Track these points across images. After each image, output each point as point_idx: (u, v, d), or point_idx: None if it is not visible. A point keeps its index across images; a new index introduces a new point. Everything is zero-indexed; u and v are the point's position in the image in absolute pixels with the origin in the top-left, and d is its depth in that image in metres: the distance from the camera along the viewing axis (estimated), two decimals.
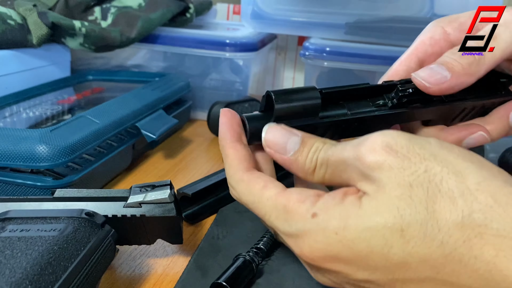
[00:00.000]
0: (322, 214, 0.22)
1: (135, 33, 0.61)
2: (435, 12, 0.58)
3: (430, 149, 0.21)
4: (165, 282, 0.30)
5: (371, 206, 0.21)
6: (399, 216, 0.20)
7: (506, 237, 0.19)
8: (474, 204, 0.19)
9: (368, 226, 0.21)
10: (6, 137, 0.36)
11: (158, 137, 0.46)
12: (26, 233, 0.24)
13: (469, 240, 0.19)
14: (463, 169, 0.20)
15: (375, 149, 0.21)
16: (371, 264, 0.21)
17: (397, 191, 0.20)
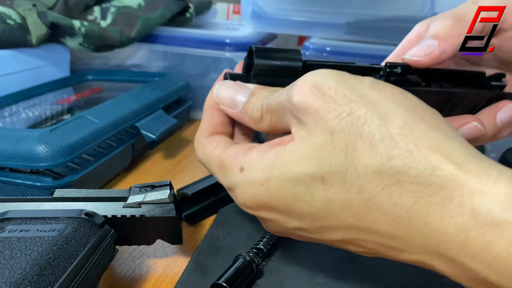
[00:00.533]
0: (248, 167, 0.23)
1: (135, 33, 0.60)
2: (435, 12, 0.58)
3: (360, 90, 0.21)
4: (165, 282, 0.30)
5: (294, 155, 0.21)
6: (319, 165, 0.21)
7: (425, 184, 0.19)
8: (394, 149, 0.19)
9: (290, 176, 0.21)
10: (6, 137, 0.36)
11: (157, 137, 0.46)
12: (25, 233, 0.24)
13: (388, 187, 0.19)
14: (389, 111, 0.20)
15: (303, 90, 0.21)
16: (298, 212, 0.22)
17: (320, 137, 0.21)
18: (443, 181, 0.18)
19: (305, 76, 0.22)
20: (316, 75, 0.22)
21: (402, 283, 0.29)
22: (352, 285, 0.29)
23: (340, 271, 0.30)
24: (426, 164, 0.19)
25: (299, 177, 0.21)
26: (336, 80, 0.21)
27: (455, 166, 0.19)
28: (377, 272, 0.30)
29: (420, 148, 0.19)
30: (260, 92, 0.25)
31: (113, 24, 0.61)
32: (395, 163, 0.19)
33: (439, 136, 0.19)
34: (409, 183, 0.19)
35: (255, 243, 0.32)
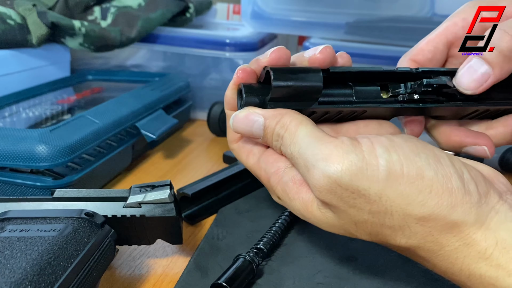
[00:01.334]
0: (284, 203, 0.27)
1: (135, 33, 0.60)
2: (435, 12, 0.58)
3: (375, 188, 0.22)
4: (165, 282, 0.30)
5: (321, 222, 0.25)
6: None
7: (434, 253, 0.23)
8: (411, 235, 0.22)
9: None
10: (6, 137, 0.36)
11: (157, 137, 0.46)
12: (25, 233, 0.24)
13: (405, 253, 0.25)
14: (407, 206, 0.22)
15: (320, 190, 0.23)
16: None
17: (345, 221, 0.24)
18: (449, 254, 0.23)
19: (317, 175, 0.22)
20: (329, 175, 0.22)
21: (402, 283, 0.29)
22: (352, 285, 0.29)
23: (340, 271, 0.30)
24: (436, 243, 0.22)
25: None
26: (350, 180, 0.22)
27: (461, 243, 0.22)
28: (377, 272, 0.30)
29: (433, 233, 0.22)
30: (271, 127, 0.25)
31: (113, 24, 0.61)
32: (411, 243, 0.23)
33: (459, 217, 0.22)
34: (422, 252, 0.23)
35: (255, 243, 0.32)
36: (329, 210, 0.24)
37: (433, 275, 0.30)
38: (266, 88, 0.26)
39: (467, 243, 0.21)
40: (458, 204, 0.21)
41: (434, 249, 0.22)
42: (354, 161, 0.22)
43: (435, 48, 0.31)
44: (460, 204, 0.21)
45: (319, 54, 0.26)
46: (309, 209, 0.24)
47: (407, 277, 0.30)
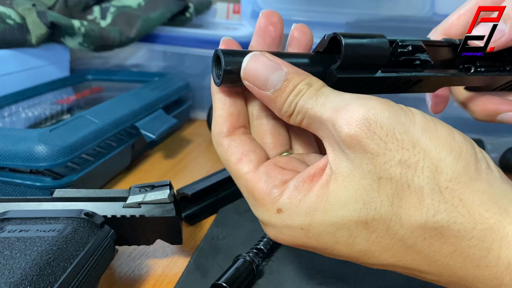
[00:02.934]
0: (287, 211, 0.22)
1: (135, 33, 0.60)
2: (435, 12, 0.58)
3: (411, 134, 0.20)
4: (165, 282, 0.30)
5: (339, 197, 0.21)
6: (364, 209, 0.20)
7: (465, 238, 0.20)
8: (440, 205, 0.20)
9: (334, 221, 0.21)
10: (5, 137, 0.36)
11: (157, 137, 0.46)
12: (25, 233, 0.24)
13: (430, 238, 0.20)
14: (440, 161, 0.20)
15: (351, 123, 0.20)
16: (336, 253, 0.22)
17: (366, 181, 0.20)
18: (483, 234, 0.19)
19: (355, 106, 0.20)
20: (368, 109, 0.20)
21: (402, 283, 0.29)
22: (352, 285, 0.29)
23: (340, 271, 0.30)
24: (469, 219, 0.19)
25: (343, 221, 0.21)
26: (387, 119, 0.20)
27: (495, 220, 0.19)
28: (377, 272, 0.30)
29: (465, 202, 0.20)
30: (296, 81, 0.22)
31: (113, 24, 0.61)
32: (440, 218, 0.20)
33: (482, 187, 0.20)
34: (451, 236, 0.20)
35: (255, 243, 0.32)
36: (350, 161, 0.20)
37: None
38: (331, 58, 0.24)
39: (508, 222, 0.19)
40: (484, 173, 0.20)
41: (467, 227, 0.19)
42: (392, 105, 0.21)
43: (467, 22, 0.31)
44: (487, 176, 0.20)
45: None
46: (324, 196, 0.21)
47: (407, 277, 0.30)
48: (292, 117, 0.23)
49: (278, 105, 0.23)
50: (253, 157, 0.24)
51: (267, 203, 0.22)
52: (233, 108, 0.25)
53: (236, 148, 0.24)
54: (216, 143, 0.25)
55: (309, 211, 0.21)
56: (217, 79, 0.23)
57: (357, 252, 0.21)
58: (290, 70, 0.22)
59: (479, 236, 0.19)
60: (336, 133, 0.21)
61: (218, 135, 0.24)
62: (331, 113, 0.21)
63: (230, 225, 0.36)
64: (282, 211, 0.22)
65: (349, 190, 0.20)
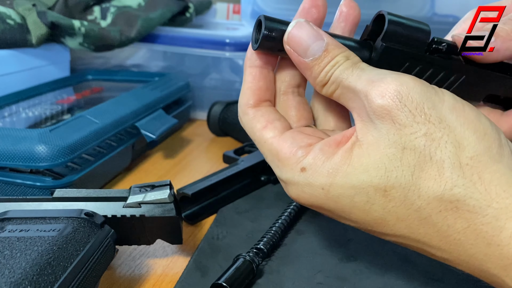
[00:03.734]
0: (311, 170, 0.23)
1: (135, 33, 0.60)
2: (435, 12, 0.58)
3: (440, 111, 0.21)
4: (165, 282, 0.30)
5: (361, 162, 0.21)
6: (385, 177, 0.21)
7: (480, 214, 0.20)
8: (459, 179, 0.20)
9: (354, 184, 0.22)
10: (6, 137, 0.36)
11: (157, 137, 0.46)
12: (25, 233, 0.24)
13: (445, 211, 0.20)
14: (463, 139, 0.21)
15: (385, 95, 0.21)
16: (352, 217, 0.23)
17: (391, 150, 0.21)
18: (498, 213, 0.20)
19: (390, 78, 0.21)
20: (402, 83, 0.21)
21: (402, 283, 0.29)
22: (352, 285, 0.29)
23: (340, 271, 0.30)
24: (485, 196, 0.20)
25: (362, 186, 0.21)
26: (419, 95, 0.21)
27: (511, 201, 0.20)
28: (377, 272, 0.30)
29: (483, 180, 0.20)
30: (335, 53, 0.23)
31: (113, 24, 0.61)
32: (457, 191, 0.20)
33: (502, 169, 0.20)
34: (466, 211, 0.20)
35: (255, 243, 0.32)
36: (377, 131, 0.21)
37: (433, 276, 0.30)
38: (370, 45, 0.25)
39: None
40: (505, 157, 0.20)
41: (482, 204, 0.20)
42: (424, 83, 0.22)
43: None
44: (508, 160, 0.20)
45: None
46: (347, 159, 0.22)
47: (407, 277, 0.30)
48: (326, 87, 0.24)
49: (314, 73, 0.24)
50: (278, 125, 0.25)
51: (291, 162, 0.23)
52: (262, 83, 0.26)
53: (262, 117, 0.25)
54: (242, 113, 0.26)
55: (332, 172, 0.22)
56: (255, 44, 0.25)
57: (372, 220, 0.22)
58: (331, 41, 0.24)
59: (494, 214, 0.20)
60: (368, 103, 0.21)
61: (245, 105, 0.26)
62: (365, 84, 0.22)
63: (230, 225, 0.36)
64: (306, 170, 0.23)
65: (372, 157, 0.21)
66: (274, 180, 0.44)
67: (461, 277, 0.30)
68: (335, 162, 0.22)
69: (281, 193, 0.42)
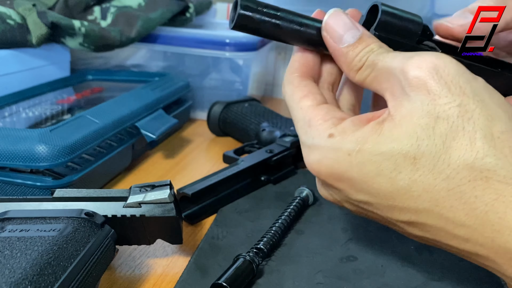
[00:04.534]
0: (339, 136, 0.23)
1: (135, 33, 0.60)
2: (435, 12, 0.58)
3: (474, 86, 0.21)
4: (165, 282, 0.30)
5: (392, 132, 0.22)
6: (416, 145, 0.21)
7: (510, 185, 0.20)
8: (490, 149, 0.20)
9: (382, 151, 0.21)
10: (6, 137, 0.36)
11: (157, 137, 0.46)
12: (25, 233, 0.24)
13: (474, 181, 0.20)
14: (495, 114, 0.21)
15: (421, 67, 0.21)
16: (375, 187, 0.22)
17: (424, 120, 0.21)
18: None
19: (426, 54, 0.22)
20: (438, 57, 0.22)
21: (401, 283, 0.29)
22: (352, 285, 0.29)
23: (340, 271, 0.30)
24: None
25: (391, 152, 0.21)
26: (455, 69, 0.21)
27: None
28: (377, 272, 0.30)
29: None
30: (368, 41, 0.24)
31: (113, 24, 0.61)
32: (488, 161, 0.20)
33: None
34: (496, 181, 0.20)
35: (255, 243, 0.32)
36: (411, 103, 0.21)
37: (433, 276, 0.30)
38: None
39: None
40: None
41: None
42: (461, 64, 0.22)
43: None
44: None
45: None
46: (378, 130, 0.22)
47: (407, 277, 0.30)
48: (360, 72, 0.24)
49: (349, 59, 0.25)
50: (318, 97, 0.25)
51: (321, 128, 0.24)
52: (310, 59, 0.27)
53: (305, 87, 0.26)
54: (287, 81, 0.26)
55: (361, 140, 0.22)
56: (231, 23, 0.25)
57: (396, 189, 0.21)
58: (365, 32, 0.25)
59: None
60: (404, 76, 0.22)
61: (291, 74, 0.26)
62: (401, 61, 0.22)
63: (230, 225, 0.36)
64: (334, 136, 0.23)
65: (404, 127, 0.21)
66: (274, 180, 0.44)
67: (461, 277, 0.30)
68: (365, 131, 0.22)
69: (281, 193, 0.42)
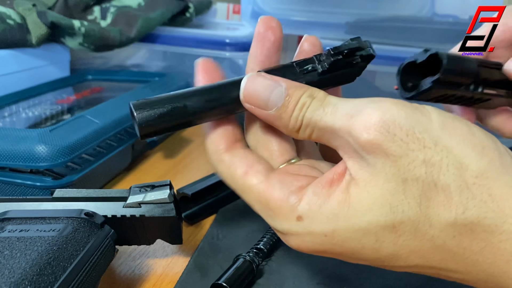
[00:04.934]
0: (308, 218, 0.21)
1: (135, 33, 0.60)
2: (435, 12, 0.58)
3: (432, 132, 0.20)
4: (165, 282, 0.30)
5: (362, 203, 0.20)
6: (391, 213, 0.20)
7: (496, 232, 0.19)
8: (469, 201, 0.19)
9: (359, 227, 0.20)
10: (5, 137, 0.36)
11: (157, 137, 0.46)
12: (25, 233, 0.24)
13: (460, 235, 0.20)
14: (463, 158, 0.20)
15: (370, 128, 0.20)
16: (362, 258, 0.21)
17: (391, 184, 0.20)
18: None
19: (370, 109, 0.20)
20: (385, 111, 0.20)
21: (402, 283, 0.29)
22: (352, 285, 0.29)
23: (340, 271, 0.30)
24: (499, 213, 0.19)
25: (369, 227, 0.20)
26: (406, 120, 0.20)
27: None
28: (377, 272, 0.30)
29: (494, 197, 0.19)
30: (297, 95, 0.22)
31: (113, 24, 0.61)
32: (469, 214, 0.19)
33: (510, 181, 0.20)
34: (482, 232, 0.19)
35: (255, 243, 0.32)
36: (371, 167, 0.20)
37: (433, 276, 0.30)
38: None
39: None
40: (510, 167, 0.20)
41: (497, 221, 0.19)
42: (406, 105, 0.20)
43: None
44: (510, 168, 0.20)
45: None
46: (346, 202, 0.20)
47: (408, 278, 0.30)
48: (301, 132, 0.22)
49: (284, 122, 0.22)
50: (260, 168, 0.23)
51: (285, 212, 0.21)
52: (228, 125, 0.24)
53: (240, 161, 0.23)
54: (216, 161, 0.24)
55: (332, 217, 0.21)
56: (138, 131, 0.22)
57: (383, 256, 0.21)
58: (289, 84, 0.22)
59: (511, 230, 0.19)
60: (353, 140, 0.20)
61: (215, 153, 0.24)
62: (344, 121, 0.20)
63: (230, 225, 0.36)
64: (303, 218, 0.21)
65: (372, 195, 0.20)
66: None
67: None
68: (332, 206, 0.21)
69: None
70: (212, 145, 0.24)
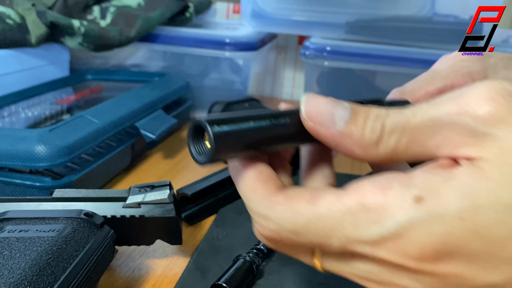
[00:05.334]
0: (433, 197, 0.16)
1: (134, 33, 0.60)
2: (436, 12, 0.58)
3: None
4: (165, 283, 0.30)
5: (503, 174, 0.16)
6: None
7: None
8: None
9: (508, 202, 0.15)
10: (5, 137, 0.36)
11: (157, 137, 0.46)
12: (24, 233, 0.24)
13: None
14: None
15: (492, 97, 0.16)
16: (506, 257, 0.16)
17: None
18: None
19: (478, 86, 0.17)
20: (492, 83, 0.17)
21: None
22: (353, 285, 0.29)
23: None
24: None
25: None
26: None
27: None
28: None
29: None
30: (366, 110, 0.19)
31: (113, 24, 0.60)
32: None
33: None
34: None
35: (255, 243, 0.31)
36: (499, 140, 0.16)
37: None
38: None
39: None
40: None
41: None
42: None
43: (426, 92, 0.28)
44: None
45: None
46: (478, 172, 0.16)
47: None
48: (383, 143, 0.18)
49: (356, 137, 0.18)
50: (329, 189, 0.19)
51: (395, 199, 0.17)
52: (267, 169, 0.21)
53: (299, 192, 0.19)
54: (269, 208, 0.19)
55: (467, 191, 0.16)
56: (200, 156, 0.19)
57: None
58: (353, 104, 0.19)
59: None
60: (471, 119, 0.17)
61: (265, 198, 0.19)
62: (452, 104, 0.17)
63: (230, 225, 0.36)
64: (424, 198, 0.16)
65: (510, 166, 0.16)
66: None
67: None
68: (462, 179, 0.16)
69: None
70: (256, 193, 0.20)
